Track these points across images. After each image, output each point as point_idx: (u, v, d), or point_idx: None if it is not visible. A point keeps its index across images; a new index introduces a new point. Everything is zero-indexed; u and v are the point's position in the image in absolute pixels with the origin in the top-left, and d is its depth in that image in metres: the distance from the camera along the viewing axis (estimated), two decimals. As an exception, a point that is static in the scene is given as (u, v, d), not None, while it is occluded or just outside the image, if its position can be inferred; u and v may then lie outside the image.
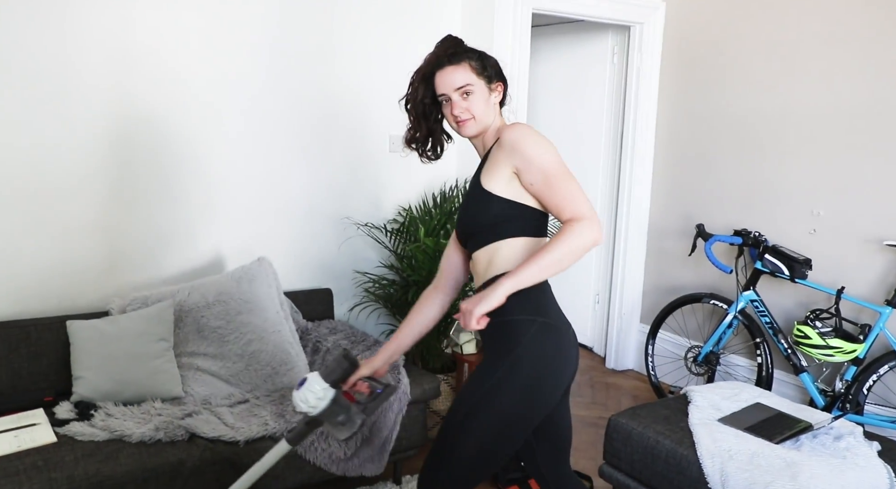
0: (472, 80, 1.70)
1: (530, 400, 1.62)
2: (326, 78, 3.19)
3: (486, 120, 1.73)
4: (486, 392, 1.61)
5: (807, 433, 2.31)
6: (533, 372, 1.60)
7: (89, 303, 2.74)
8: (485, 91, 1.71)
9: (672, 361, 3.90)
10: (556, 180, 1.61)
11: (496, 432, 1.62)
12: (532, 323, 1.62)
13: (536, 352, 1.61)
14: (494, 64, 1.75)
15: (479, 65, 1.71)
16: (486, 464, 1.66)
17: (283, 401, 2.50)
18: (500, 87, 1.76)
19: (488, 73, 1.72)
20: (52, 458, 2.03)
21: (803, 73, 3.24)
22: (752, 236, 3.29)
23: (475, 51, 1.74)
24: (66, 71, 2.58)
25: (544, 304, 1.66)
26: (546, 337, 1.62)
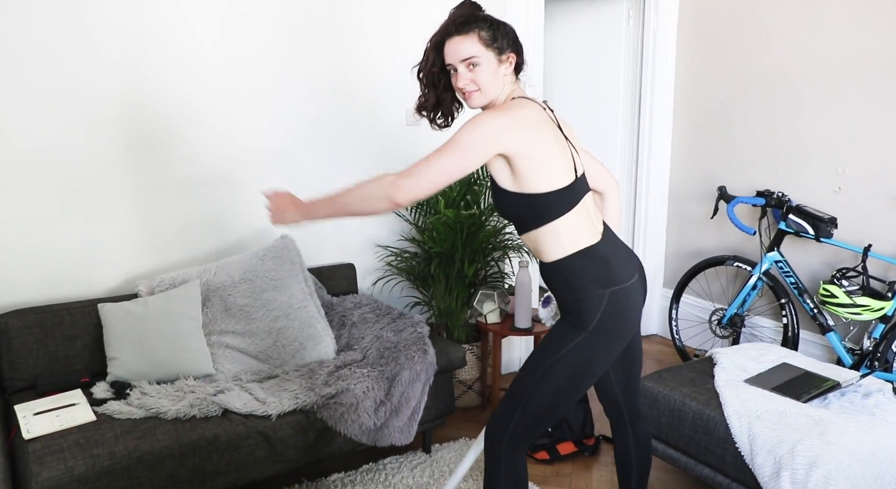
0: (479, 52, 1.67)
1: (605, 354, 1.74)
2: (342, 53, 3.17)
3: (493, 92, 1.71)
4: (567, 353, 1.71)
5: (834, 391, 2.31)
6: (610, 334, 1.72)
7: (118, 286, 2.80)
8: (493, 63, 1.68)
9: (696, 325, 3.89)
10: (442, 148, 1.60)
11: (569, 383, 1.74)
12: (602, 297, 1.68)
13: (610, 320, 1.70)
14: (508, 33, 1.72)
15: (489, 35, 1.67)
16: (557, 408, 1.78)
17: (311, 376, 2.55)
18: (511, 58, 1.72)
19: (498, 44, 1.68)
20: (92, 436, 2.09)
21: (826, 26, 3.17)
22: (776, 197, 3.25)
23: (487, 19, 1.70)
24: (87, 58, 2.60)
25: (609, 274, 1.71)
26: (618, 303, 1.70)
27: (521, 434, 1.79)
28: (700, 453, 2.29)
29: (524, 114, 1.65)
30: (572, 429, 2.83)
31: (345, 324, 2.90)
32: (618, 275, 1.72)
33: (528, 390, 1.76)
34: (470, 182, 3.22)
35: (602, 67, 4.18)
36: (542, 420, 1.79)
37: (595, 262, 1.70)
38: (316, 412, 2.38)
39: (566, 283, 1.72)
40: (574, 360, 1.71)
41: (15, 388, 2.45)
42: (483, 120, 1.60)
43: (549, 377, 1.73)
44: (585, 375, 1.74)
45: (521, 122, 1.63)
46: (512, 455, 1.81)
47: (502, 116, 1.62)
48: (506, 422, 1.80)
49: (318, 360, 2.69)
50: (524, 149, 1.62)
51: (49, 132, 2.58)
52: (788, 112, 3.37)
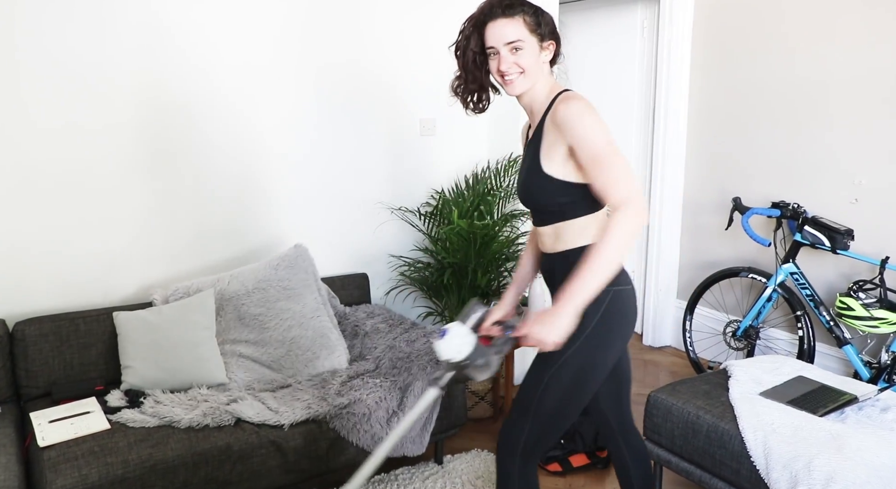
0: (524, 36, 1.64)
1: (605, 357, 1.73)
2: (357, 64, 3.20)
3: (534, 78, 1.69)
4: (569, 357, 1.70)
5: (852, 405, 2.28)
6: (608, 336, 1.72)
7: (133, 295, 2.82)
8: (535, 49, 1.67)
9: (710, 337, 3.86)
10: (602, 162, 1.58)
11: (574, 388, 1.73)
12: (606, 294, 1.66)
13: (612, 319, 1.71)
14: (549, 21, 1.70)
15: (533, 20, 1.65)
16: (565, 416, 1.77)
17: (324, 385, 2.55)
18: (552, 46, 1.71)
19: (542, 31, 1.67)
20: (106, 444, 2.10)
21: (843, 37, 3.15)
22: (791, 208, 3.23)
23: (531, 4, 1.67)
24: (104, 67, 2.63)
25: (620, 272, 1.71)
26: (618, 304, 1.71)
27: (533, 445, 1.78)
28: (714, 467, 2.26)
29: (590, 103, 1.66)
30: (585, 441, 2.81)
31: (357, 334, 2.91)
32: (624, 276, 1.74)
33: (535, 400, 1.75)
34: (483, 192, 3.22)
35: (616, 77, 4.18)
36: (553, 428, 1.78)
37: None
38: (328, 422, 2.38)
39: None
40: (577, 363, 1.70)
41: (30, 396, 2.47)
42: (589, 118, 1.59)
43: (554, 383, 1.72)
44: (589, 378, 1.73)
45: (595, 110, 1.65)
46: (525, 467, 1.80)
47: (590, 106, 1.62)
48: (517, 435, 1.78)
49: (330, 370, 2.69)
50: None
51: (66, 143, 2.61)
52: (804, 123, 3.35)
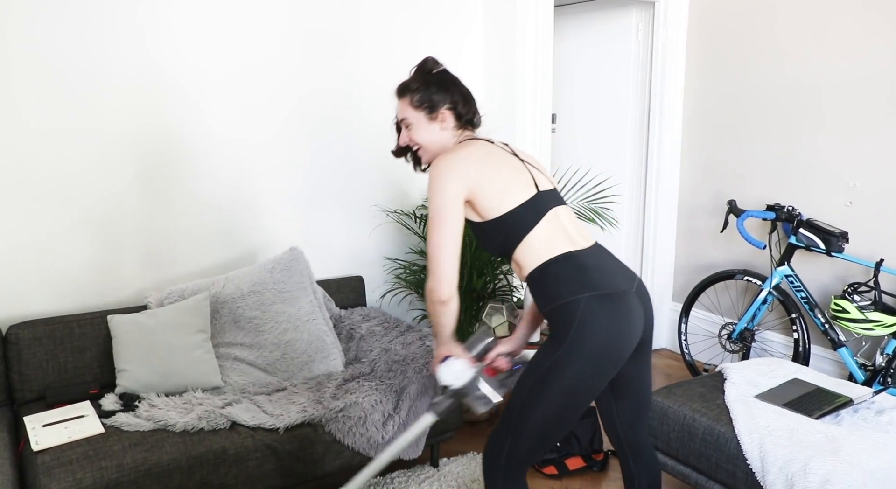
0: (409, 114, 1.85)
1: (592, 371, 1.66)
2: (351, 67, 3.20)
3: (434, 146, 1.85)
4: (548, 368, 1.66)
5: (847, 408, 2.29)
6: (591, 345, 1.64)
7: (128, 298, 2.81)
8: (423, 121, 1.84)
9: (705, 339, 3.87)
10: (428, 233, 1.71)
11: (561, 403, 1.68)
12: (578, 302, 1.64)
13: (589, 328, 1.64)
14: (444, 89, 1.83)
15: (418, 98, 1.83)
16: (551, 432, 1.72)
17: (319, 389, 2.54)
18: (443, 115, 1.83)
19: (428, 104, 1.82)
20: (101, 448, 2.09)
21: (836, 41, 3.17)
22: (786, 210, 3.24)
23: (422, 81, 1.84)
24: (98, 74, 2.62)
25: (586, 279, 1.67)
26: (597, 309, 1.64)
27: (518, 458, 1.74)
28: (710, 469, 2.26)
29: (463, 153, 1.75)
30: (581, 444, 2.81)
31: (353, 337, 2.90)
32: (598, 281, 1.68)
33: (516, 414, 1.71)
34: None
35: (611, 80, 4.19)
36: (536, 444, 1.73)
37: (571, 268, 1.69)
38: (324, 425, 2.37)
39: (544, 292, 1.70)
40: (558, 377, 1.65)
41: (24, 400, 2.46)
42: (434, 184, 1.71)
43: (535, 398, 1.67)
44: (572, 393, 1.67)
45: (463, 161, 1.73)
46: (510, 483, 1.76)
47: (445, 167, 1.71)
48: (500, 447, 1.75)
49: (326, 373, 2.69)
50: (476, 182, 1.71)
51: (59, 146, 2.60)
52: (799, 126, 3.36)
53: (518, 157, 1.84)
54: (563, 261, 1.70)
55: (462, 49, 3.51)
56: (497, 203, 1.72)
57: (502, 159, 1.79)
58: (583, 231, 1.83)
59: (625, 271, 1.78)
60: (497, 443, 1.75)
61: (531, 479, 2.73)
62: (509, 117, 3.46)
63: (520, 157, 1.85)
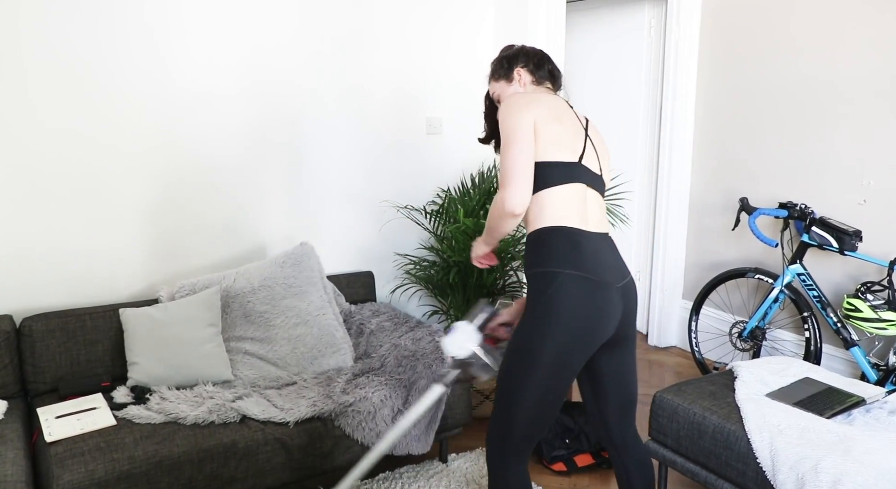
0: (493, 88, 2.04)
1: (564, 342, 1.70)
2: (364, 62, 3.20)
3: None
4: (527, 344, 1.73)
5: (859, 407, 2.27)
6: (561, 318, 1.69)
7: (139, 291, 2.83)
8: (505, 87, 2.00)
9: (716, 337, 3.85)
10: (503, 148, 1.77)
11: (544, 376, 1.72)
12: (556, 275, 1.70)
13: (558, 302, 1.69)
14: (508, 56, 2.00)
15: (493, 72, 2.04)
16: (543, 410, 1.76)
17: (329, 383, 2.55)
18: (519, 72, 1.98)
19: (502, 73, 2.00)
20: (113, 440, 2.11)
21: (852, 37, 3.14)
22: (799, 209, 3.21)
23: (498, 59, 2.04)
24: (110, 72, 2.64)
25: (574, 257, 1.72)
26: (570, 287, 1.69)
27: (515, 442, 1.79)
28: (720, 468, 2.25)
29: (534, 96, 1.82)
30: (590, 441, 2.81)
31: (363, 332, 2.91)
32: (583, 263, 1.71)
33: (507, 395, 1.77)
34: (490, 191, 3.22)
35: (623, 77, 4.17)
36: (532, 423, 1.77)
37: (565, 242, 1.73)
38: (333, 420, 2.38)
39: (533, 255, 1.76)
40: (537, 349, 1.70)
41: (37, 391, 2.48)
42: (507, 110, 1.78)
43: (505, 368, 1.76)
44: (553, 365, 1.70)
45: (533, 102, 1.80)
46: (511, 467, 1.81)
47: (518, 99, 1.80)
48: (498, 433, 1.81)
49: (336, 368, 2.69)
50: (538, 122, 1.77)
51: (72, 142, 2.62)
52: (812, 123, 3.33)
53: (586, 130, 1.89)
54: (561, 233, 1.74)
55: (475, 46, 3.51)
56: (542, 149, 1.75)
57: (567, 118, 1.83)
58: (601, 219, 1.85)
59: (618, 268, 1.80)
60: (498, 426, 1.80)
61: (540, 476, 2.73)
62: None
63: (587, 131, 1.89)
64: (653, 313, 4.14)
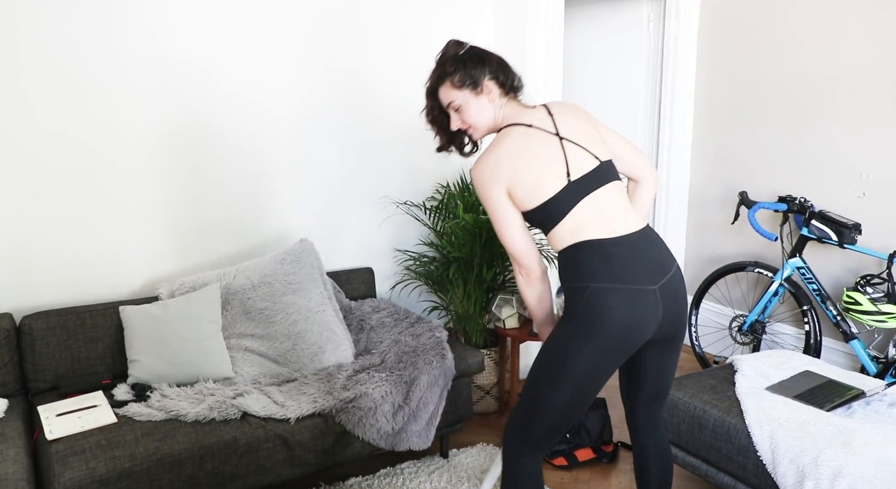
0: (455, 96, 1.83)
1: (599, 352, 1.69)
2: (362, 57, 3.19)
3: (484, 123, 1.86)
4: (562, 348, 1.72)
5: (859, 400, 2.27)
6: (596, 329, 1.68)
7: (139, 289, 2.83)
8: (470, 99, 1.83)
9: (716, 331, 3.85)
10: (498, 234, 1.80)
11: (575, 381, 1.71)
12: (584, 290, 1.69)
13: (592, 315, 1.68)
14: (481, 63, 1.83)
15: (458, 78, 1.82)
16: (570, 411, 1.75)
17: (330, 380, 2.55)
18: (489, 86, 1.83)
19: (471, 81, 1.82)
20: (113, 438, 2.11)
21: (851, 31, 3.13)
22: (798, 202, 3.21)
23: (457, 61, 1.83)
24: (107, 65, 2.63)
25: (603, 268, 1.69)
26: (602, 301, 1.67)
27: (535, 439, 1.79)
28: (721, 461, 2.26)
29: (496, 155, 1.76)
30: (591, 436, 2.81)
31: (363, 329, 2.91)
32: (615, 273, 1.68)
33: (538, 393, 1.76)
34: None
35: (622, 71, 4.16)
36: (557, 422, 1.76)
37: (590, 255, 1.70)
38: (334, 416, 2.38)
39: (563, 269, 1.77)
40: (571, 355, 1.69)
41: (38, 389, 2.48)
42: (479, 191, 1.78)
43: (554, 377, 1.72)
44: (584, 372, 1.70)
45: (497, 164, 1.75)
46: (527, 460, 1.81)
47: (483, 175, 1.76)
48: (522, 427, 1.79)
49: (336, 364, 2.70)
50: (512, 180, 1.74)
51: (71, 138, 2.61)
52: (812, 116, 3.33)
53: (558, 134, 1.78)
54: (585, 249, 1.72)
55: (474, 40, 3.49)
56: (529, 197, 1.74)
57: (538, 149, 1.75)
58: (626, 216, 1.78)
59: (658, 264, 1.74)
60: (520, 420, 1.80)
61: (541, 471, 2.73)
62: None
63: (560, 135, 1.78)
64: (653, 308, 4.14)
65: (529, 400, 1.78)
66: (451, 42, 1.88)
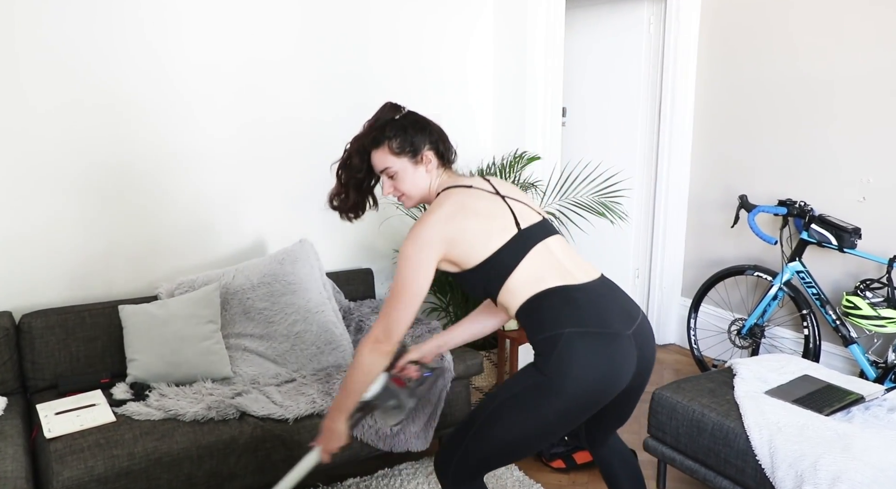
0: (392, 162, 1.73)
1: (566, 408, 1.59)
2: (360, 60, 3.19)
3: (418, 192, 1.77)
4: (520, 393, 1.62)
5: (858, 405, 2.27)
6: (570, 384, 1.56)
7: (139, 288, 2.82)
8: (408, 167, 1.74)
9: (715, 335, 3.85)
10: (392, 296, 1.64)
11: (523, 430, 1.62)
12: (559, 336, 1.58)
13: (567, 365, 1.56)
14: (422, 131, 1.75)
15: (398, 144, 1.72)
16: (509, 453, 1.67)
17: (328, 380, 2.55)
18: (428, 156, 1.75)
19: (411, 149, 1.73)
20: (112, 437, 2.11)
21: (850, 35, 3.13)
22: (798, 206, 3.22)
23: (396, 126, 1.74)
24: (103, 64, 2.63)
25: (573, 314, 1.59)
26: (578, 346, 1.57)
27: (467, 469, 1.69)
28: (719, 465, 2.26)
29: (441, 213, 1.66)
30: (589, 438, 2.81)
31: (362, 329, 2.91)
32: (585, 318, 1.58)
33: (476, 426, 1.66)
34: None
35: (622, 74, 4.16)
36: (490, 459, 1.67)
37: (558, 301, 1.61)
38: (333, 417, 2.38)
39: (530, 324, 1.63)
40: (528, 405, 1.58)
41: (37, 388, 2.48)
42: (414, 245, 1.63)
43: (498, 417, 1.61)
44: (540, 425, 1.59)
45: (440, 224, 1.65)
46: (460, 485, 1.72)
47: (424, 230, 1.64)
48: (451, 454, 1.70)
49: (335, 365, 2.69)
50: (451, 241, 1.64)
51: (69, 138, 2.61)
52: (812, 120, 3.33)
53: (499, 193, 1.75)
54: (550, 296, 1.62)
55: (470, 42, 3.50)
56: (474, 253, 1.64)
57: (478, 205, 1.69)
58: (582, 263, 1.73)
59: (625, 310, 1.66)
60: (451, 446, 1.71)
61: (539, 473, 2.73)
62: (519, 111, 3.45)
63: (500, 194, 1.75)
64: (651, 311, 4.14)
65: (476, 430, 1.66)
66: (388, 105, 1.80)
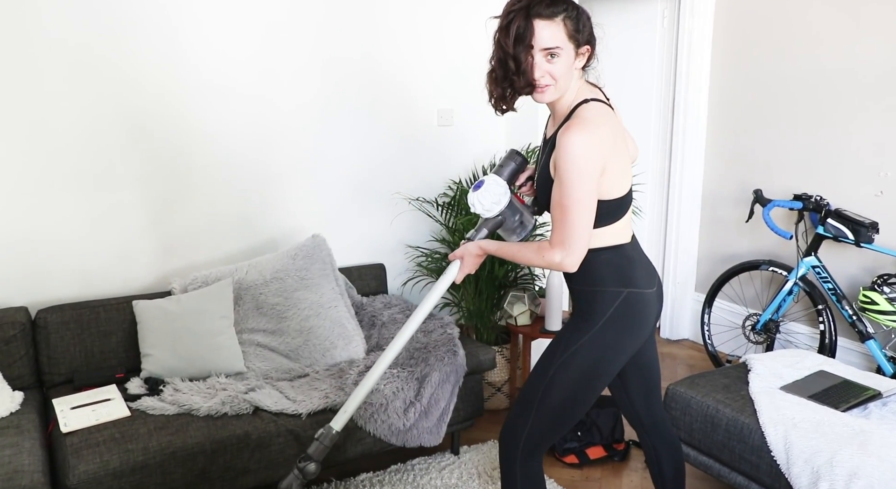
0: (563, 43, 1.52)
1: (614, 355, 1.70)
2: (374, 54, 3.18)
3: (565, 86, 1.59)
4: (574, 352, 1.69)
5: (875, 401, 2.25)
6: (618, 335, 1.69)
7: (152, 284, 2.84)
8: (571, 56, 1.55)
9: (729, 330, 3.83)
10: (564, 208, 1.53)
11: (580, 385, 1.71)
12: (619, 294, 1.67)
13: (622, 321, 1.68)
14: (588, 23, 1.58)
15: (574, 25, 1.52)
16: (570, 414, 1.74)
17: (341, 375, 2.56)
18: (587, 52, 1.59)
19: (580, 36, 1.54)
20: (127, 431, 2.12)
21: (870, 26, 3.09)
22: (814, 200, 3.18)
23: (575, 4, 1.55)
24: (117, 56, 2.64)
25: (631, 274, 1.69)
26: (633, 305, 1.69)
27: (536, 440, 1.75)
28: (734, 461, 2.24)
29: (606, 131, 1.54)
30: (602, 434, 2.80)
31: (375, 325, 2.91)
32: (638, 278, 1.70)
33: (539, 394, 1.72)
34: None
35: (636, 68, 4.13)
36: (557, 424, 1.74)
37: (620, 259, 1.69)
38: (346, 411, 2.38)
39: (588, 273, 1.67)
40: (583, 359, 1.68)
41: (52, 382, 2.50)
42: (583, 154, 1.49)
43: (559, 378, 1.69)
44: (596, 375, 1.70)
45: (607, 139, 1.54)
46: (528, 461, 1.76)
47: (592, 142, 1.50)
48: (520, 428, 1.75)
49: (348, 360, 2.70)
50: (607, 165, 1.56)
51: (84, 133, 2.63)
52: (828, 114, 3.29)
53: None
54: (616, 252, 1.68)
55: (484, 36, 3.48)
56: (610, 188, 1.59)
57: (622, 141, 1.62)
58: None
59: (651, 266, 1.79)
60: (516, 425, 1.76)
61: (552, 468, 2.72)
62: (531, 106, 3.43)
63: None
64: (665, 306, 4.12)
65: (528, 399, 1.73)
66: None
